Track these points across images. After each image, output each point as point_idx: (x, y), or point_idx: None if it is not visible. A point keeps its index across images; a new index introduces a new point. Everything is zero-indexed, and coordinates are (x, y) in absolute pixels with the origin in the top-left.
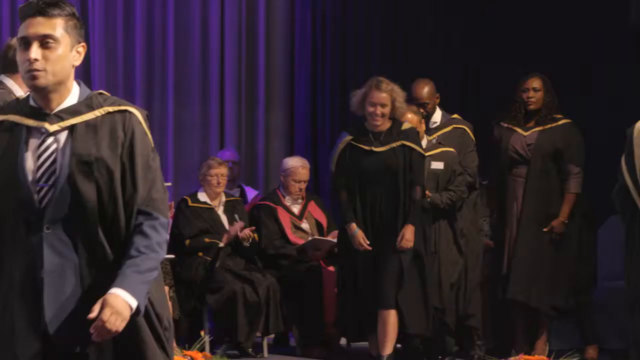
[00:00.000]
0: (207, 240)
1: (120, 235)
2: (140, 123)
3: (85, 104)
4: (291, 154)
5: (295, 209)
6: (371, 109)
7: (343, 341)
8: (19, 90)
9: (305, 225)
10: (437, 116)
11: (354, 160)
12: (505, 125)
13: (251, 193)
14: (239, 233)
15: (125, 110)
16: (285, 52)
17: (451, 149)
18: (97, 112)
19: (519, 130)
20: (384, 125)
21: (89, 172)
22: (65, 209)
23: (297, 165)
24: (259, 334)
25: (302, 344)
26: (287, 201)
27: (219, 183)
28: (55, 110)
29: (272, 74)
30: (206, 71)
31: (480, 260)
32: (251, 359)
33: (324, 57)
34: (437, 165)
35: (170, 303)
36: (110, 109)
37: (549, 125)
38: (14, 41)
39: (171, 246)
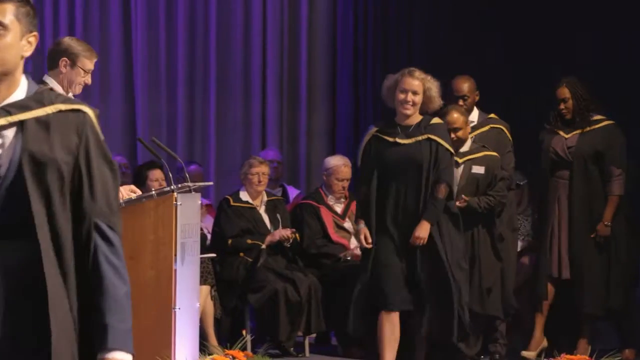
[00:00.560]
0: (249, 241)
1: (66, 252)
2: (95, 125)
3: (35, 99)
4: (333, 153)
5: (338, 208)
6: (402, 96)
7: None
8: (61, 91)
9: (347, 224)
10: (475, 115)
11: (378, 152)
12: (548, 127)
13: (293, 192)
14: (281, 234)
15: (79, 110)
16: (327, 51)
17: (494, 153)
18: (48, 109)
19: (561, 132)
20: (414, 117)
21: (40, 174)
22: (5, 216)
23: (340, 163)
24: (300, 333)
25: (343, 343)
26: (330, 200)
27: (260, 181)
28: (2, 104)
29: (314, 73)
30: (248, 70)
31: (515, 262)
32: (292, 358)
33: (365, 56)
34: (478, 169)
35: (212, 302)
36: (63, 106)
37: (589, 128)
38: (64, 40)
39: (213, 245)
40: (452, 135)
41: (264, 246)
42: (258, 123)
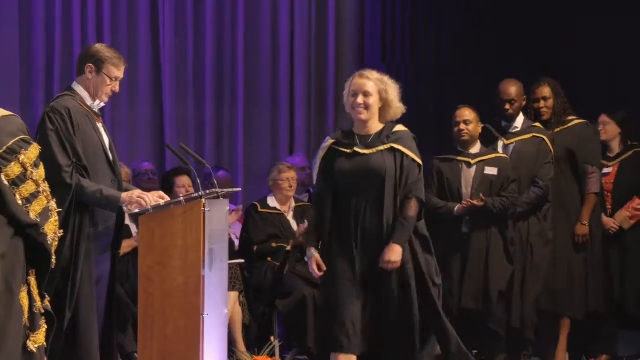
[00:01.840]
0: (274, 244)
1: None
2: None
3: None
4: None
5: None
6: (352, 99)
7: None
8: (88, 98)
9: None
10: (519, 121)
11: (335, 166)
12: None
13: None
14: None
15: None
16: (355, 56)
17: (504, 155)
18: None
19: None
20: (373, 125)
21: None
22: None
23: None
24: None
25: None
26: None
27: (290, 187)
28: None
29: (342, 79)
30: (276, 76)
31: (542, 272)
32: None
33: (393, 61)
34: (491, 170)
35: (240, 308)
36: None
37: (561, 128)
38: (94, 46)
39: (241, 251)
40: (463, 128)
41: (289, 248)
42: (286, 129)
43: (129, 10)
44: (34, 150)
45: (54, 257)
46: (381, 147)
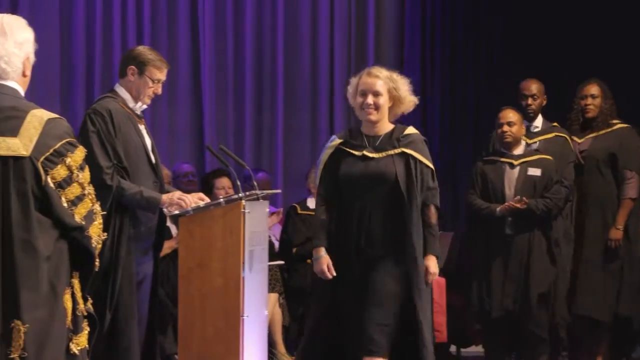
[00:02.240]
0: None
1: None
2: None
3: None
4: None
5: None
6: (361, 100)
7: (453, 348)
8: (130, 100)
9: None
10: (539, 121)
11: (343, 168)
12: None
13: None
14: None
15: None
16: (395, 59)
17: (548, 157)
18: None
19: (575, 138)
20: (383, 125)
21: None
22: None
23: None
24: None
25: None
26: None
27: None
28: None
29: None
30: (315, 78)
31: (568, 270)
32: None
33: (432, 63)
34: (535, 171)
35: (280, 310)
36: None
37: (603, 131)
38: (137, 48)
39: (281, 253)
40: (507, 129)
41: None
42: (325, 130)
43: (169, 12)
44: (79, 153)
45: (97, 259)
46: (391, 152)
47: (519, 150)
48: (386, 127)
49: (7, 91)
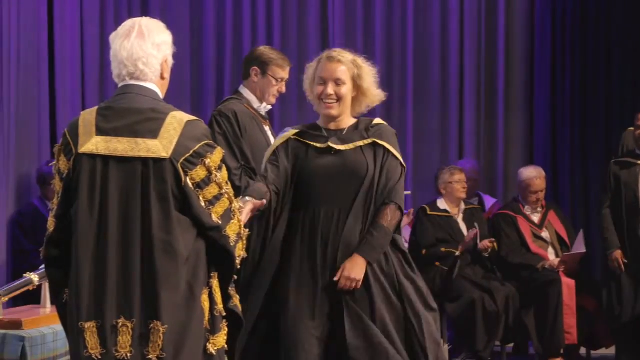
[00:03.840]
0: (443, 249)
1: None
2: None
3: None
4: (530, 162)
5: (535, 218)
6: (319, 88)
7: (583, 351)
8: (254, 101)
9: (545, 234)
10: None
11: (301, 164)
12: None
13: (489, 201)
14: (478, 243)
15: None
16: (525, 59)
17: None
18: None
19: None
20: (345, 120)
21: None
22: None
23: (532, 176)
24: (497, 343)
25: (541, 353)
26: (527, 210)
27: (463, 188)
28: None
29: (511, 82)
30: (445, 79)
31: None
32: None
33: (563, 64)
34: None
35: None
36: None
37: None
38: (258, 48)
39: (410, 254)
40: None
41: (458, 253)
42: (455, 132)
43: (298, 13)
44: (218, 154)
45: (238, 258)
46: (360, 143)
47: None
48: (349, 121)
49: (146, 93)
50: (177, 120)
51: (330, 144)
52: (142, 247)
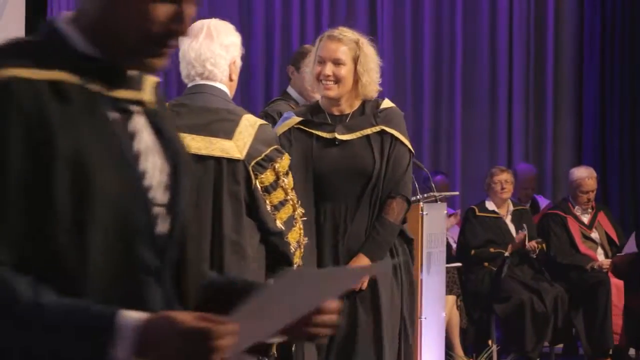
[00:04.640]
0: (492, 249)
1: None
2: None
3: None
4: (579, 162)
5: (585, 219)
6: (318, 69)
7: (632, 351)
8: (302, 100)
9: (594, 235)
10: None
11: (304, 155)
12: None
13: (543, 202)
14: (526, 244)
15: None
16: (574, 60)
17: None
18: None
19: None
20: (349, 101)
21: None
22: None
23: (583, 176)
24: (546, 344)
25: (590, 354)
26: (577, 211)
27: (503, 189)
28: None
29: (560, 82)
30: (494, 80)
31: None
32: None
33: (612, 64)
34: None
35: (457, 312)
36: None
37: None
38: (303, 47)
39: (458, 255)
40: None
41: (507, 254)
42: (504, 133)
43: (347, 12)
44: (286, 160)
45: (295, 265)
46: (368, 131)
47: None
48: (354, 104)
49: (217, 93)
50: (250, 123)
51: (336, 134)
52: (212, 245)
